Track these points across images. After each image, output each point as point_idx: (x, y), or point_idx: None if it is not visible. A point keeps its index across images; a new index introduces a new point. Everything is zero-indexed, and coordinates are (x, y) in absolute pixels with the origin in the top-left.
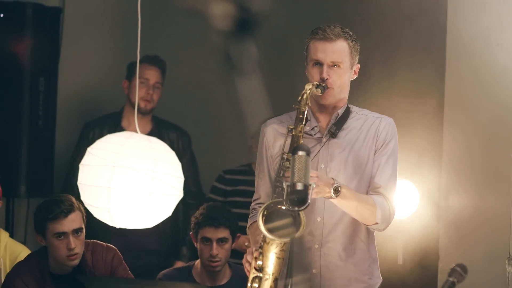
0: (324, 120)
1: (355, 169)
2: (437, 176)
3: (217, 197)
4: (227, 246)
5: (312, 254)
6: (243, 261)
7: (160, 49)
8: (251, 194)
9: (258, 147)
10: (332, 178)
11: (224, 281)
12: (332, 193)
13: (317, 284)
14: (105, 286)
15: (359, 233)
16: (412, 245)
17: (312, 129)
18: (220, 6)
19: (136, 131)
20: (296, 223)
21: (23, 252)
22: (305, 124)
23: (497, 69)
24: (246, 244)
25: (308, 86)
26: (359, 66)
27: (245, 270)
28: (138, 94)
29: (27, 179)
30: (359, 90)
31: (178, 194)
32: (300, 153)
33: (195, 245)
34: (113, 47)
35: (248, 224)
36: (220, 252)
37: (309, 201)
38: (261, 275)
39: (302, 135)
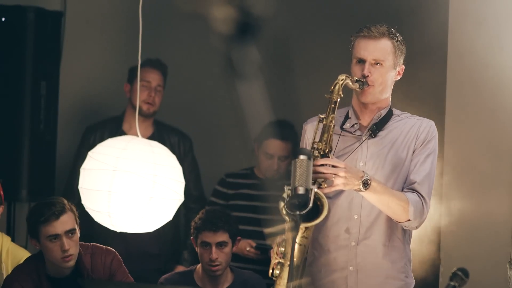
0: (365, 119)
1: (393, 168)
2: (438, 180)
3: (219, 200)
4: (227, 250)
5: (348, 251)
6: (271, 251)
7: (161, 52)
8: (252, 197)
9: (300, 144)
10: (363, 171)
11: (225, 285)
12: (361, 186)
13: (353, 281)
14: None
15: (396, 231)
16: (413, 249)
17: (352, 126)
18: (222, 10)
19: (137, 135)
20: (319, 208)
21: (24, 257)
22: (344, 122)
23: (499, 73)
24: (248, 249)
25: (341, 77)
26: (403, 67)
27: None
28: (139, 97)
29: (28, 183)
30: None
31: (179, 198)
32: (302, 157)
33: (196, 250)
34: (114, 50)
35: None
36: (219, 256)
37: (310, 205)
38: (283, 261)
39: (333, 126)
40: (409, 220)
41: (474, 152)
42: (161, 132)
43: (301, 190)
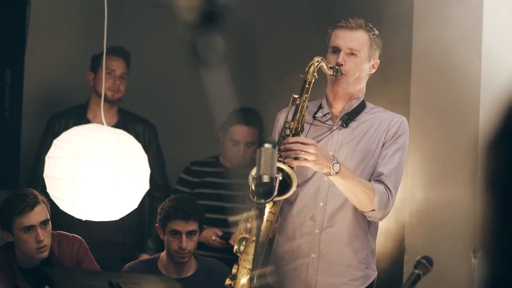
0: (337, 109)
1: (361, 159)
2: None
3: (184, 188)
4: (195, 238)
5: (312, 238)
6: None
7: (125, 40)
8: (218, 185)
9: (273, 133)
10: (333, 155)
11: (190, 273)
12: (331, 168)
13: (314, 268)
14: (71, 278)
15: (361, 222)
16: (378, 238)
17: (324, 115)
18: None
19: (102, 123)
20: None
21: None
22: (317, 112)
23: (462, 62)
24: (214, 238)
25: (317, 58)
26: (378, 61)
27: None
28: (104, 85)
29: None
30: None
31: (144, 187)
32: (266, 145)
33: (161, 237)
34: (79, 39)
35: None
36: (189, 244)
37: (275, 193)
38: (248, 236)
39: (306, 106)
40: (373, 210)
41: (438, 141)
42: (125, 121)
43: (266, 179)
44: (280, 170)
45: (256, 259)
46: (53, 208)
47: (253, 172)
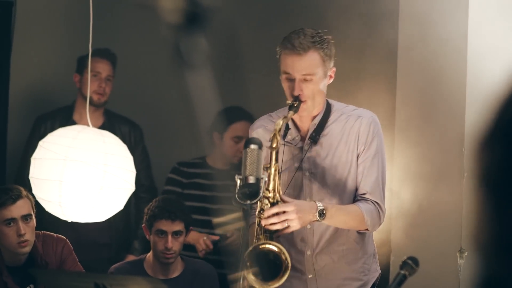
0: (304, 128)
1: (339, 175)
2: (388, 170)
3: (176, 188)
4: (181, 239)
5: (305, 260)
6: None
7: (110, 42)
8: (206, 187)
9: None
10: (314, 201)
11: (176, 274)
12: (317, 217)
13: (314, 286)
14: (56, 279)
15: (350, 235)
16: None
17: (293, 139)
18: (170, 0)
19: (88, 125)
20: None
21: None
22: (286, 133)
23: (448, 64)
24: (205, 238)
25: (277, 126)
26: (334, 69)
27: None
28: (90, 88)
29: None
30: None
31: (130, 188)
32: (252, 146)
33: (148, 237)
34: (65, 40)
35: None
36: (174, 244)
37: (261, 194)
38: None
39: (279, 172)
40: (367, 229)
41: (424, 142)
42: (111, 122)
43: (251, 180)
44: (271, 252)
45: (243, 258)
46: (39, 209)
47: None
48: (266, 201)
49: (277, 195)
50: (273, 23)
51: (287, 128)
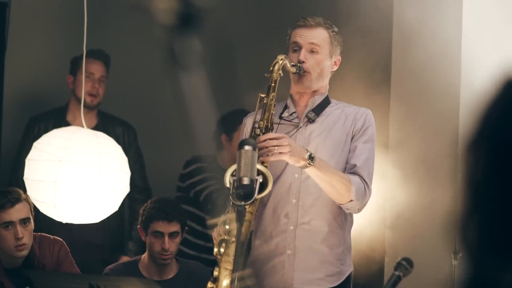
0: (302, 106)
1: (332, 152)
2: (383, 170)
3: (182, 183)
4: (178, 240)
5: (287, 235)
6: (213, 233)
7: (104, 43)
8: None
9: (239, 137)
10: (305, 148)
11: (171, 275)
12: (307, 159)
13: (291, 265)
14: (53, 281)
15: (336, 217)
16: (358, 239)
17: (290, 114)
18: (164, 1)
19: (82, 126)
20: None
21: None
22: (283, 112)
23: (443, 64)
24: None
25: (280, 56)
26: (340, 58)
27: (214, 242)
28: (84, 89)
29: None
30: None
31: (125, 189)
32: (247, 147)
33: (143, 239)
34: (59, 41)
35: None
36: (171, 246)
37: (255, 195)
38: (227, 237)
39: (274, 104)
40: (351, 200)
41: (419, 143)
42: (105, 123)
43: (246, 181)
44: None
45: (237, 260)
46: (34, 210)
47: (228, 173)
48: (258, 131)
49: (270, 125)
50: (267, 24)
51: (285, 107)
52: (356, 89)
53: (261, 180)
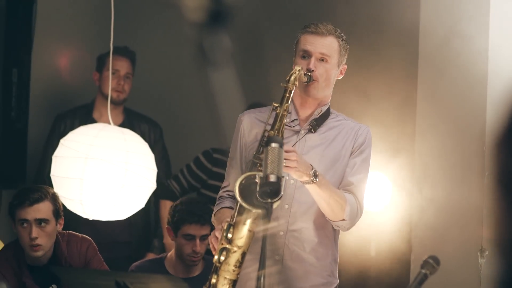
0: (304, 114)
1: (329, 165)
2: (410, 168)
3: (200, 173)
4: (207, 241)
5: (276, 240)
6: (210, 237)
7: (131, 40)
8: None
9: (234, 135)
10: (310, 164)
11: (197, 273)
12: (312, 177)
13: (277, 271)
14: (79, 278)
15: (325, 228)
16: (384, 237)
17: (292, 121)
18: None
19: (108, 123)
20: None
21: None
22: (287, 115)
23: (469, 62)
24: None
25: (298, 67)
26: (346, 67)
27: (211, 246)
28: (110, 85)
29: None
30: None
31: (151, 186)
32: (273, 145)
33: (171, 239)
34: (85, 38)
35: (214, 211)
36: (202, 248)
37: (282, 192)
38: (229, 247)
39: (286, 114)
40: (343, 219)
41: (445, 141)
42: (131, 120)
43: (272, 178)
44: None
45: (264, 258)
46: (62, 210)
47: (237, 182)
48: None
49: (280, 135)
50: (294, 19)
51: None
52: (383, 87)
53: (287, 177)
